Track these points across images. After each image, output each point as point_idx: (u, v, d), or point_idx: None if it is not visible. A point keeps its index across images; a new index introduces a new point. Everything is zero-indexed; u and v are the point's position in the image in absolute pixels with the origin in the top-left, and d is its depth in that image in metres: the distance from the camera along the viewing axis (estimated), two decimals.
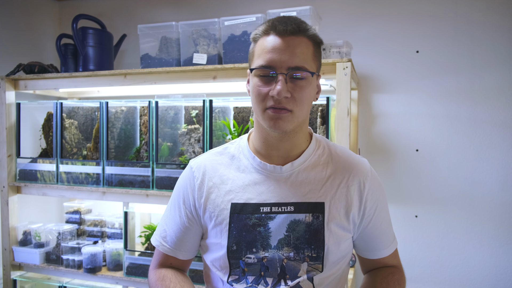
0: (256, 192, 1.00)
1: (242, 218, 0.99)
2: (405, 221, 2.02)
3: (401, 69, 2.01)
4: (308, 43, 0.95)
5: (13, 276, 2.10)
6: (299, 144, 1.02)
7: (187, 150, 1.87)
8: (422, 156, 1.99)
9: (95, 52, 2.11)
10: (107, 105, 1.95)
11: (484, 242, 1.91)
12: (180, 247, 1.08)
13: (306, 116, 1.00)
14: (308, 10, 1.65)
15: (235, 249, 0.99)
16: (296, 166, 1.01)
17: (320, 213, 0.98)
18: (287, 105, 0.93)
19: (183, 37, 1.88)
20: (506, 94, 1.87)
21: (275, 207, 0.99)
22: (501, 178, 1.88)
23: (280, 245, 0.98)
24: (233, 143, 1.11)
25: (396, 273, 1.09)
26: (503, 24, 1.86)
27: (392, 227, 1.11)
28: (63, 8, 2.63)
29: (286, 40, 0.93)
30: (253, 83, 0.97)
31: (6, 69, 2.16)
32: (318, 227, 0.97)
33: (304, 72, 0.93)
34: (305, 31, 0.95)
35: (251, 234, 0.98)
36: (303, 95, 0.94)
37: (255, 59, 0.97)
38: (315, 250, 0.97)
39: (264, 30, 0.96)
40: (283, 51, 0.92)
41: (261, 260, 0.98)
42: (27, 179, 2.10)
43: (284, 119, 0.93)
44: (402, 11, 2.00)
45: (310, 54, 0.95)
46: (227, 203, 1.01)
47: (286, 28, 0.93)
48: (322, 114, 1.74)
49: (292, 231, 0.98)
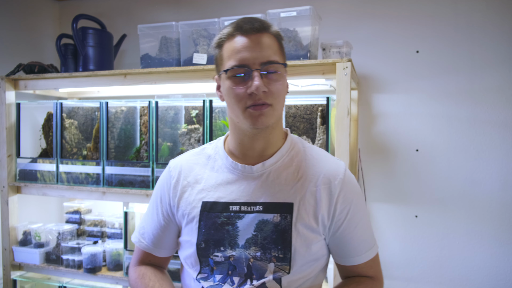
0: (226, 191, 1.02)
1: (212, 216, 1.01)
2: (405, 221, 2.02)
3: (401, 69, 2.01)
4: (273, 38, 0.99)
5: (13, 276, 2.10)
6: (274, 142, 1.04)
7: (187, 150, 1.87)
8: (422, 156, 1.99)
9: (95, 52, 2.11)
10: (107, 105, 1.95)
11: (484, 242, 1.91)
12: (158, 244, 1.11)
13: (282, 110, 1.02)
14: (308, 10, 1.65)
15: (203, 246, 1.00)
16: (267, 166, 1.02)
17: (288, 213, 0.98)
18: (266, 99, 0.94)
19: (183, 37, 1.88)
20: (506, 94, 1.87)
21: (244, 207, 1.00)
22: (501, 178, 1.88)
23: (247, 244, 0.98)
24: (211, 144, 1.13)
25: (364, 282, 1.04)
26: (503, 24, 1.86)
27: (371, 235, 1.06)
28: (63, 8, 2.63)
29: (253, 37, 0.95)
30: (226, 86, 0.97)
31: (6, 69, 2.16)
32: (286, 228, 0.97)
33: (277, 64, 0.96)
34: (269, 27, 0.99)
35: (219, 233, 0.99)
36: (278, 87, 0.97)
37: (225, 62, 0.97)
38: (281, 251, 0.97)
39: (229, 33, 0.98)
40: (253, 48, 0.94)
41: (228, 258, 0.99)
42: (27, 179, 2.10)
43: (266, 114, 0.95)
44: (402, 11, 2.00)
45: (277, 49, 0.99)
46: (199, 201, 1.03)
47: (252, 27, 0.96)
48: (322, 114, 1.74)
49: (259, 231, 0.98)
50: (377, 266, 1.08)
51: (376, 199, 2.06)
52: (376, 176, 2.06)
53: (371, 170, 2.06)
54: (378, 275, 1.08)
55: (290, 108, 1.87)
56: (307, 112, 1.85)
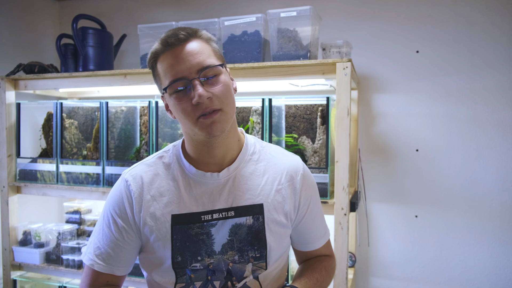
0: (195, 202, 1.00)
1: (184, 229, 0.98)
2: (405, 221, 2.02)
3: (401, 69, 2.01)
4: (202, 43, 0.96)
5: (13, 276, 2.10)
6: (231, 147, 1.02)
7: None
8: (422, 156, 1.99)
9: (95, 52, 2.11)
10: (107, 105, 1.95)
11: (483, 242, 1.91)
12: (117, 262, 1.01)
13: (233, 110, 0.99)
14: (308, 10, 1.65)
15: (180, 260, 0.98)
16: (232, 170, 1.02)
17: (259, 214, 1.01)
18: (213, 105, 0.91)
19: None
20: (506, 94, 1.87)
21: (215, 214, 0.99)
22: (501, 178, 1.88)
23: (224, 250, 0.99)
24: (167, 151, 1.08)
25: (325, 260, 1.15)
26: (503, 24, 1.86)
27: (324, 220, 1.17)
28: (63, 8, 2.63)
29: (181, 48, 0.93)
30: (172, 103, 0.95)
31: (6, 69, 2.16)
32: (259, 228, 1.00)
33: (213, 68, 0.93)
34: (195, 33, 0.96)
35: (195, 244, 0.98)
36: (222, 90, 0.94)
37: (163, 80, 0.95)
38: (258, 251, 1.00)
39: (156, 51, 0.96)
40: (184, 58, 0.92)
41: (207, 267, 0.99)
42: (27, 179, 2.10)
43: (218, 120, 0.92)
44: (402, 11, 2.00)
45: (209, 51, 0.96)
46: (167, 215, 0.98)
47: (177, 38, 0.93)
48: (322, 114, 1.74)
49: (234, 235, 1.00)
50: (330, 246, 1.20)
51: (376, 199, 2.07)
52: (376, 176, 2.06)
53: (371, 170, 2.06)
54: (332, 253, 1.21)
55: (290, 108, 1.87)
56: (307, 112, 1.85)
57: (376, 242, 2.07)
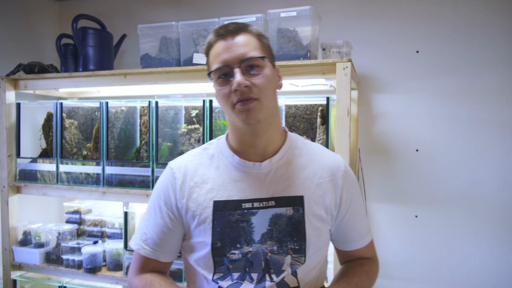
0: (237, 189, 1.03)
1: (225, 215, 1.02)
2: (405, 221, 2.02)
3: (401, 69, 2.01)
4: (250, 37, 1.02)
5: (13, 276, 2.10)
6: (273, 139, 1.06)
7: (187, 150, 1.87)
8: (422, 156, 1.99)
9: (95, 52, 2.11)
10: (107, 105, 1.95)
11: (484, 242, 1.91)
12: (162, 249, 1.07)
13: (274, 105, 1.04)
14: (308, 10, 1.65)
15: (220, 245, 1.01)
16: (274, 162, 1.05)
17: (300, 206, 1.02)
18: (250, 94, 0.97)
19: (183, 37, 1.88)
20: (506, 94, 1.87)
21: (256, 203, 1.02)
22: (501, 178, 1.88)
23: (263, 239, 1.01)
24: (212, 143, 1.14)
25: (367, 264, 1.14)
26: (503, 24, 1.86)
27: (366, 220, 1.16)
28: (63, 8, 2.63)
29: (230, 39, 1.00)
30: (215, 88, 1.03)
31: (6, 69, 2.16)
32: (299, 220, 1.02)
33: (255, 59, 0.98)
34: (245, 27, 1.02)
35: (234, 230, 1.01)
36: (262, 80, 0.98)
37: (211, 66, 1.04)
38: (297, 243, 1.01)
39: (210, 41, 1.04)
40: (230, 48, 0.99)
41: (245, 255, 1.00)
42: (27, 179, 2.10)
43: (254, 108, 0.97)
44: (402, 11, 2.00)
45: (256, 45, 1.01)
46: (209, 201, 1.03)
47: (227, 30, 1.01)
48: (322, 114, 1.74)
49: (274, 225, 1.01)
50: (373, 248, 1.19)
51: (376, 199, 2.06)
52: (376, 176, 2.06)
53: (371, 170, 2.06)
54: (375, 255, 1.20)
55: (290, 108, 1.87)
56: (307, 112, 1.85)
57: (376, 242, 2.07)
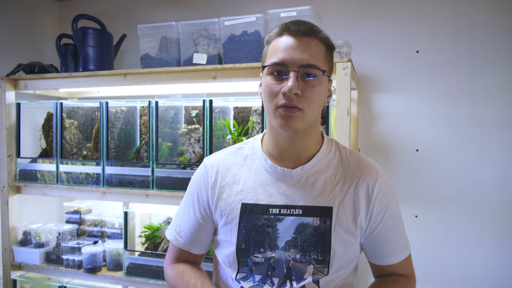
0: (266, 194, 1.02)
1: (252, 218, 1.01)
2: (405, 221, 1.98)
3: (401, 69, 2.01)
4: (320, 44, 0.98)
5: (13, 276, 2.10)
6: (309, 147, 1.03)
7: (187, 150, 1.87)
8: (422, 156, 1.99)
9: (95, 52, 2.11)
10: (107, 105, 1.95)
11: (484, 242, 1.91)
12: (194, 242, 1.12)
13: (317, 117, 1.01)
14: (308, 10, 1.65)
15: (244, 247, 1.01)
16: (306, 170, 1.02)
17: (327, 217, 0.99)
18: (298, 103, 0.93)
19: (183, 37, 1.88)
20: (506, 94, 1.87)
21: (284, 209, 1.00)
22: (501, 178, 1.88)
23: (287, 246, 0.99)
24: (247, 143, 1.13)
25: (400, 281, 1.07)
26: (503, 24, 1.86)
27: (404, 235, 1.09)
28: (63, 8, 2.63)
29: (298, 39, 0.95)
30: (265, 81, 0.99)
31: (6, 69, 2.16)
32: (325, 231, 0.99)
33: (315, 69, 0.94)
34: (318, 33, 0.98)
35: (259, 234, 1.00)
36: (314, 94, 0.95)
37: (268, 58, 0.99)
38: (321, 254, 0.98)
39: (277, 31, 0.99)
40: (295, 49, 0.94)
41: (268, 260, 1.00)
42: (27, 179, 2.10)
43: (295, 118, 0.94)
44: (402, 11, 2.00)
45: (322, 55, 0.97)
46: (238, 202, 1.03)
47: (299, 29, 0.96)
48: (322, 114, 1.74)
49: (299, 234, 0.99)
50: (410, 265, 1.11)
51: None
52: None
53: None
54: (411, 273, 1.11)
55: None
56: None
57: None
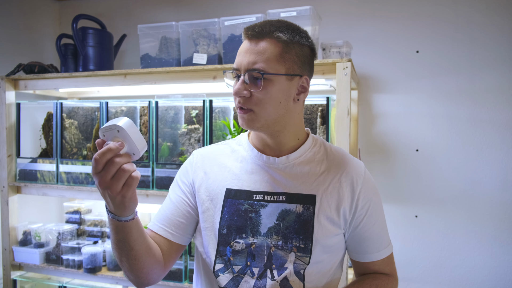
0: (251, 181, 1.04)
1: (235, 203, 1.02)
2: (405, 221, 2.02)
3: (401, 69, 2.01)
4: (273, 44, 0.95)
5: (13, 276, 2.10)
6: (288, 142, 1.04)
7: (187, 150, 1.87)
8: (422, 156, 1.99)
9: (95, 52, 2.11)
10: (107, 105, 1.95)
11: (484, 242, 1.91)
12: (172, 226, 1.05)
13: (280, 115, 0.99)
14: (308, 10, 1.65)
15: (225, 232, 1.01)
16: (291, 159, 1.04)
17: (311, 204, 1.01)
18: (247, 105, 0.96)
19: (183, 37, 1.88)
20: (506, 94, 1.87)
21: (267, 196, 1.02)
22: (501, 178, 1.88)
23: (269, 233, 1.00)
24: (235, 139, 1.15)
25: (380, 278, 1.07)
26: (503, 24, 1.86)
27: (387, 233, 1.10)
28: (63, 8, 2.63)
29: (250, 42, 0.97)
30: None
31: (6, 69, 2.16)
32: (308, 218, 1.00)
33: (257, 72, 0.94)
34: (270, 33, 0.95)
35: (242, 219, 1.01)
36: (262, 95, 0.95)
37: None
38: (303, 241, 0.99)
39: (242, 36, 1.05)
40: (245, 53, 0.97)
41: (249, 246, 1.00)
42: (27, 179, 2.10)
43: (247, 118, 0.97)
44: (402, 11, 2.00)
45: (275, 55, 0.94)
46: (222, 188, 1.05)
47: (253, 32, 0.96)
48: (322, 114, 1.74)
49: (282, 220, 1.00)
50: (392, 264, 1.11)
51: None
52: (376, 176, 2.05)
53: (371, 170, 2.05)
54: (393, 272, 1.11)
55: None
56: (307, 112, 1.85)
57: None
